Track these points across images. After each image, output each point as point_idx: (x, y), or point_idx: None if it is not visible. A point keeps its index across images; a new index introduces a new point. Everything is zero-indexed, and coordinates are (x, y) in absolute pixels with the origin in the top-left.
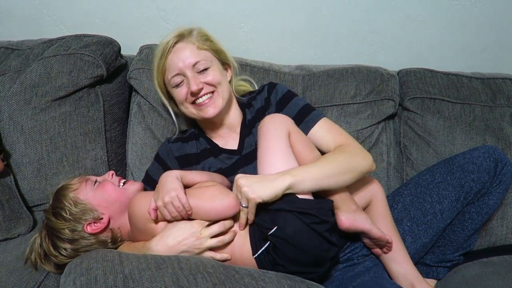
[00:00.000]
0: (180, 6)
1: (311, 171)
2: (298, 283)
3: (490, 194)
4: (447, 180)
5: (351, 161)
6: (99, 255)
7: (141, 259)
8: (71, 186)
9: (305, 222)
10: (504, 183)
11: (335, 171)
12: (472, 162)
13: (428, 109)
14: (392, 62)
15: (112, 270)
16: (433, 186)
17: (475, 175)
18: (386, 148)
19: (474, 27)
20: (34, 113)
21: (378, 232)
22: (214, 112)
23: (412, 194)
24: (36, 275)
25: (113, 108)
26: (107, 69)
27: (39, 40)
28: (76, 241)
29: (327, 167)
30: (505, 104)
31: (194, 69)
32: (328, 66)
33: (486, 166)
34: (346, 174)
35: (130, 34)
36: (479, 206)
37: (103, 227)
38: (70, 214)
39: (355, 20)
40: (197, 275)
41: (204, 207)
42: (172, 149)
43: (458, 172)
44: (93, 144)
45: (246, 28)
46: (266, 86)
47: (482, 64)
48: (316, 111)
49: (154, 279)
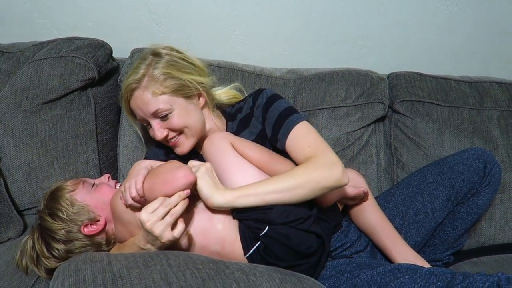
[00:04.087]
0: (172, 9)
1: (258, 187)
2: (289, 276)
3: (479, 195)
4: (438, 180)
5: (310, 175)
6: (87, 257)
7: (129, 258)
8: (67, 187)
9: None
10: (493, 184)
11: (287, 186)
12: (462, 163)
13: (418, 112)
14: (382, 66)
15: (101, 269)
16: (425, 186)
17: (465, 175)
18: (376, 150)
19: (463, 32)
20: (24, 116)
21: (352, 190)
22: (183, 151)
23: (404, 194)
24: (27, 280)
25: (104, 111)
26: (98, 72)
27: (30, 43)
28: (70, 242)
29: (278, 182)
30: (492, 107)
31: (155, 116)
32: (319, 70)
33: (475, 167)
34: (302, 188)
35: (122, 37)
36: (468, 206)
37: (100, 229)
38: (67, 214)
39: (346, 25)
40: (186, 272)
41: (157, 183)
42: (158, 153)
43: (448, 172)
44: (85, 147)
45: (238, 32)
46: (252, 94)
47: (471, 68)
48: (297, 115)
49: (143, 276)
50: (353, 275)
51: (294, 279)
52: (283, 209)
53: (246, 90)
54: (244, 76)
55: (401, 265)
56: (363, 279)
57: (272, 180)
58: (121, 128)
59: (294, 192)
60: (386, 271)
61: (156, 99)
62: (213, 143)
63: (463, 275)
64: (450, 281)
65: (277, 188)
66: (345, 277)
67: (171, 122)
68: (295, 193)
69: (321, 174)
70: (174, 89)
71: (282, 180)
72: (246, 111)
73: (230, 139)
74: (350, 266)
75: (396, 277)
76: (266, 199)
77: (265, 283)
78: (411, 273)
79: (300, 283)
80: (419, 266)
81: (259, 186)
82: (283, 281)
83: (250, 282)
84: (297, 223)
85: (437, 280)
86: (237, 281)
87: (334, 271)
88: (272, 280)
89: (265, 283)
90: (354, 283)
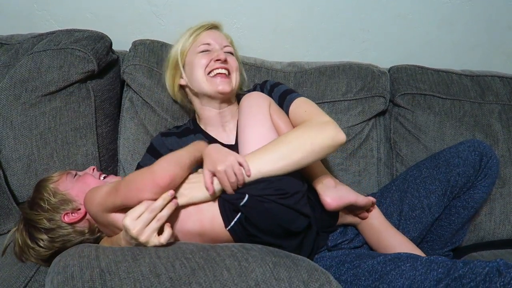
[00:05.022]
0: (172, 1)
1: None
2: (283, 258)
3: (476, 188)
4: (433, 174)
5: (302, 137)
6: (76, 252)
7: (118, 251)
8: (51, 178)
9: (270, 199)
10: (490, 176)
11: (280, 154)
12: (457, 156)
13: (419, 105)
14: (383, 59)
15: (88, 265)
16: (420, 181)
17: (461, 168)
18: (376, 144)
19: (464, 25)
20: (24, 109)
21: (363, 199)
22: (225, 89)
23: (400, 190)
24: (26, 271)
25: (104, 104)
26: (98, 64)
27: (29, 35)
28: (53, 230)
29: (272, 150)
30: (493, 101)
31: (224, 49)
32: (320, 63)
33: (471, 159)
34: (297, 152)
35: (121, 29)
36: (465, 200)
37: (80, 217)
38: (49, 204)
39: (347, 18)
40: (175, 262)
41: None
42: (165, 142)
43: (443, 166)
44: (84, 139)
45: (239, 25)
46: (258, 85)
47: (472, 61)
48: (295, 93)
49: (131, 270)
50: (353, 265)
51: (288, 262)
52: (267, 181)
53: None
54: (245, 69)
55: (401, 254)
56: (364, 268)
57: (265, 150)
58: (122, 120)
59: (289, 158)
60: (387, 260)
61: (228, 42)
62: (253, 97)
63: (463, 262)
64: (451, 268)
65: (272, 158)
66: (345, 267)
67: (231, 60)
68: (291, 159)
69: (313, 134)
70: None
71: (274, 149)
72: None
73: (270, 100)
74: (350, 256)
75: (396, 265)
76: (263, 171)
77: (258, 269)
78: (411, 261)
79: (294, 265)
80: (419, 255)
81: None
82: (277, 264)
83: (242, 269)
84: (278, 197)
85: (438, 267)
86: (228, 269)
87: (334, 262)
88: (265, 264)
89: (258, 268)
90: (355, 273)
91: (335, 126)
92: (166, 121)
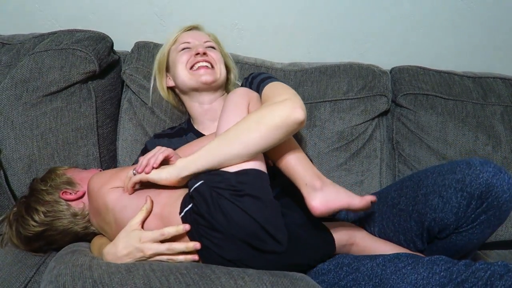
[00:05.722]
0: (173, 2)
1: (206, 147)
2: (281, 278)
3: (459, 234)
4: (409, 211)
5: (251, 118)
6: (71, 260)
7: (111, 263)
8: (62, 166)
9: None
10: (482, 223)
11: (232, 137)
12: (439, 194)
13: (421, 105)
14: (385, 61)
15: (81, 275)
16: (396, 212)
17: (438, 214)
18: (380, 145)
19: (466, 27)
20: (25, 109)
21: (359, 202)
22: (207, 79)
23: (379, 211)
24: (26, 271)
25: (105, 104)
26: (99, 65)
27: (30, 35)
28: (49, 203)
29: (223, 136)
30: (496, 103)
31: (204, 44)
32: (321, 63)
33: (454, 204)
34: (245, 132)
35: (123, 30)
36: (446, 243)
37: (77, 197)
38: (54, 182)
39: (348, 19)
40: (169, 277)
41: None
42: (158, 144)
43: (421, 203)
44: (85, 140)
45: (240, 25)
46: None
47: (474, 63)
48: (271, 79)
49: (125, 281)
50: (352, 268)
51: (286, 282)
52: (228, 174)
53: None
54: (244, 68)
55: (401, 254)
56: (363, 272)
57: (219, 137)
58: (121, 121)
59: (237, 142)
60: (386, 261)
61: (210, 38)
62: (235, 94)
63: (465, 265)
64: (453, 272)
65: (223, 142)
66: (344, 271)
67: (213, 53)
68: (239, 144)
69: (261, 114)
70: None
71: (222, 135)
72: None
73: (249, 97)
74: (348, 258)
75: (397, 267)
76: (214, 156)
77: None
78: (412, 263)
79: (292, 285)
80: (420, 255)
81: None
82: (274, 284)
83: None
84: (230, 193)
85: (440, 270)
86: (224, 287)
87: (332, 265)
88: (262, 284)
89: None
90: (355, 278)
91: (291, 103)
92: (164, 122)
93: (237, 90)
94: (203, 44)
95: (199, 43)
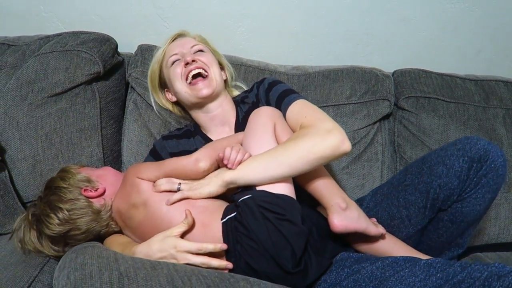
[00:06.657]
0: (177, 4)
1: (253, 163)
2: None
3: (464, 201)
4: (415, 183)
5: (299, 144)
6: (95, 252)
7: (136, 258)
8: (75, 165)
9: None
10: (483, 186)
11: (281, 159)
12: (443, 162)
13: (423, 108)
14: (387, 64)
15: (108, 266)
16: (402, 189)
17: (443, 179)
18: (381, 148)
19: (468, 30)
20: (30, 109)
21: (374, 230)
22: (207, 93)
23: (384, 194)
24: (30, 270)
25: (109, 105)
26: (104, 66)
27: (35, 36)
28: (71, 201)
29: (272, 156)
30: (498, 106)
31: (191, 50)
32: (324, 67)
33: (457, 168)
34: (298, 160)
35: (127, 31)
36: (451, 214)
37: (97, 194)
38: (72, 180)
39: (351, 22)
40: (191, 277)
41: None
42: (166, 145)
43: (426, 174)
44: (89, 141)
45: (243, 28)
46: (255, 83)
47: (476, 66)
48: (294, 95)
49: (149, 278)
50: (353, 270)
51: None
52: (273, 196)
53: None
54: (248, 71)
55: (399, 258)
56: (364, 274)
57: (261, 156)
58: (126, 122)
59: (285, 165)
60: (385, 265)
61: (197, 42)
62: (261, 114)
63: (461, 266)
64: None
65: (270, 166)
66: (345, 273)
67: (203, 57)
68: (286, 166)
69: (312, 142)
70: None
71: (271, 155)
72: (252, 98)
73: (276, 119)
74: (349, 261)
75: (395, 270)
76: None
77: None
78: (410, 266)
79: None
80: (417, 258)
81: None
82: None
83: None
84: (274, 216)
85: (436, 272)
86: None
87: (333, 266)
88: None
89: None
90: (356, 279)
91: (339, 134)
92: (169, 123)
93: (261, 111)
94: (190, 51)
95: (186, 51)
